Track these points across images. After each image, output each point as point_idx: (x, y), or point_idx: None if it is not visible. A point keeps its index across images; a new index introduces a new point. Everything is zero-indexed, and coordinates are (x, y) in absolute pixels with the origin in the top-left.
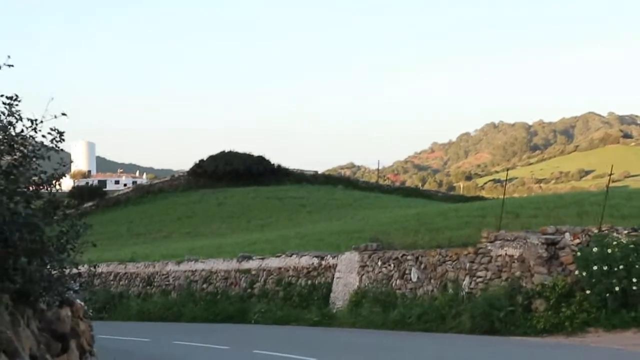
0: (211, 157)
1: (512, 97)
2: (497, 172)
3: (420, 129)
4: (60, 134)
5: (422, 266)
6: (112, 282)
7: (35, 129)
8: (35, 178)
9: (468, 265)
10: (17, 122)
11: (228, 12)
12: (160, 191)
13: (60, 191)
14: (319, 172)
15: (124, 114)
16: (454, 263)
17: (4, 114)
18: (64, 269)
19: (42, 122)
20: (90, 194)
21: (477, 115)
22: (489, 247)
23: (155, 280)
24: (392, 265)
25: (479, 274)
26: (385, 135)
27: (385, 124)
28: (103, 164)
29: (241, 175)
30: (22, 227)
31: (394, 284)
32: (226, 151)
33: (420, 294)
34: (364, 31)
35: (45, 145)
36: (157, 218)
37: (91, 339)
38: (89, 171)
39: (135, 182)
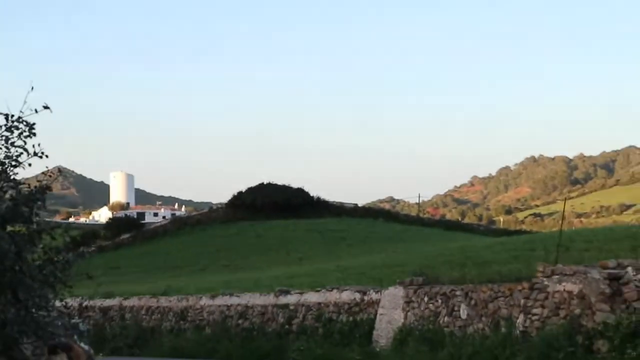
0: (250, 189)
1: (552, 131)
2: (537, 206)
3: (460, 162)
4: (30, 126)
5: (472, 302)
6: (144, 317)
7: (10, 128)
8: (11, 191)
9: (522, 301)
10: None
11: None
12: (198, 223)
13: (94, 221)
14: (359, 205)
15: (163, 146)
16: (506, 299)
17: None
18: (48, 308)
19: (20, 118)
20: (127, 225)
21: (517, 149)
22: (546, 282)
23: (189, 314)
24: (440, 301)
25: (534, 311)
26: (424, 169)
27: (424, 158)
28: (142, 197)
29: (280, 208)
30: None
31: (441, 321)
32: (265, 183)
33: (471, 332)
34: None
35: (25, 149)
36: (195, 250)
37: None
38: (128, 203)
39: (174, 214)
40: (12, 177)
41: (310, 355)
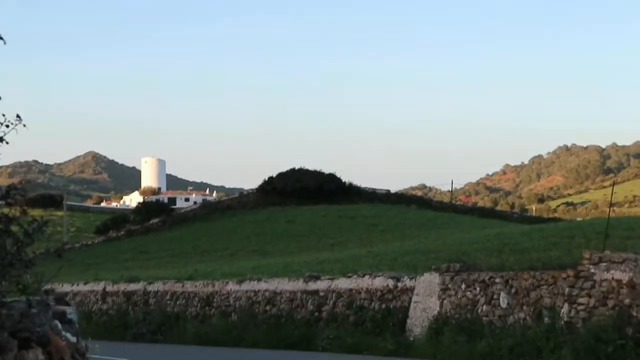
0: (280, 174)
1: (585, 120)
2: (569, 195)
3: (493, 151)
4: None
5: (513, 290)
6: (168, 302)
7: None
8: None
9: (567, 290)
10: None
11: (304, 28)
12: (228, 208)
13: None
14: (391, 192)
15: (196, 132)
16: (550, 288)
17: None
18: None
19: None
20: (157, 210)
21: (549, 138)
22: (592, 270)
23: (215, 300)
24: (478, 288)
25: (580, 300)
26: (457, 157)
27: (457, 146)
28: (174, 182)
29: (311, 193)
30: None
31: (480, 310)
32: (296, 168)
33: (511, 322)
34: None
35: None
36: (224, 236)
37: None
38: (159, 188)
39: (205, 199)
40: None
41: (341, 344)
